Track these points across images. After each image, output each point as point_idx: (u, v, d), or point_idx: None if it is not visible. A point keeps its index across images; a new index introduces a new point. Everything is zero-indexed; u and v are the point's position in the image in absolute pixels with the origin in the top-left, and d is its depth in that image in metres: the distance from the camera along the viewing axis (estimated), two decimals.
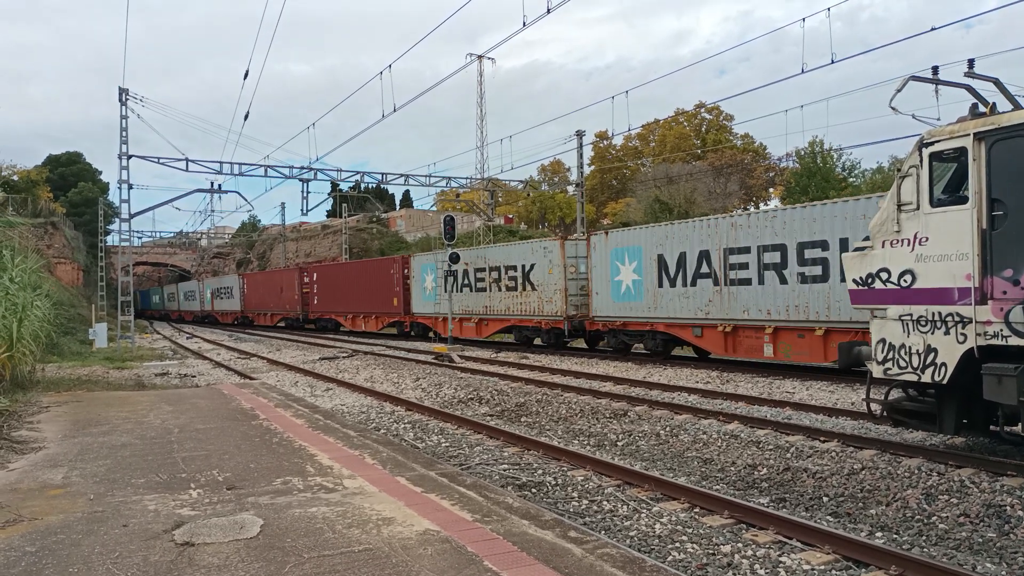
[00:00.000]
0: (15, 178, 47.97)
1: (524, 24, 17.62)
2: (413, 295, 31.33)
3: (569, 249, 23.68)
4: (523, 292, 25.24)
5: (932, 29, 20.66)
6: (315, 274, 41.85)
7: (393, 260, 34.06)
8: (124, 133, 30.89)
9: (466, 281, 28.27)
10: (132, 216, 32.21)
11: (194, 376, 20.33)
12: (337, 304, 38.66)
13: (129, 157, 30.92)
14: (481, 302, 27.56)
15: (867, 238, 9.03)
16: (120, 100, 30.77)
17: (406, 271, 32.06)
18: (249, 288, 51.06)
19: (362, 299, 35.60)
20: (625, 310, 20.99)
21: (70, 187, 64.64)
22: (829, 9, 19.83)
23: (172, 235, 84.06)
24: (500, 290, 26.48)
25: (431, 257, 30.34)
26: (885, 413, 9.28)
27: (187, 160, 32.56)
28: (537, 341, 25.91)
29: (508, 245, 28.07)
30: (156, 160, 32.53)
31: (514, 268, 25.64)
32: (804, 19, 19.65)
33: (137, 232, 75.88)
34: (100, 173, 71.61)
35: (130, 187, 31.26)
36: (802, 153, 44.97)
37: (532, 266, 24.77)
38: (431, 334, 30.89)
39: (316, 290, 40.85)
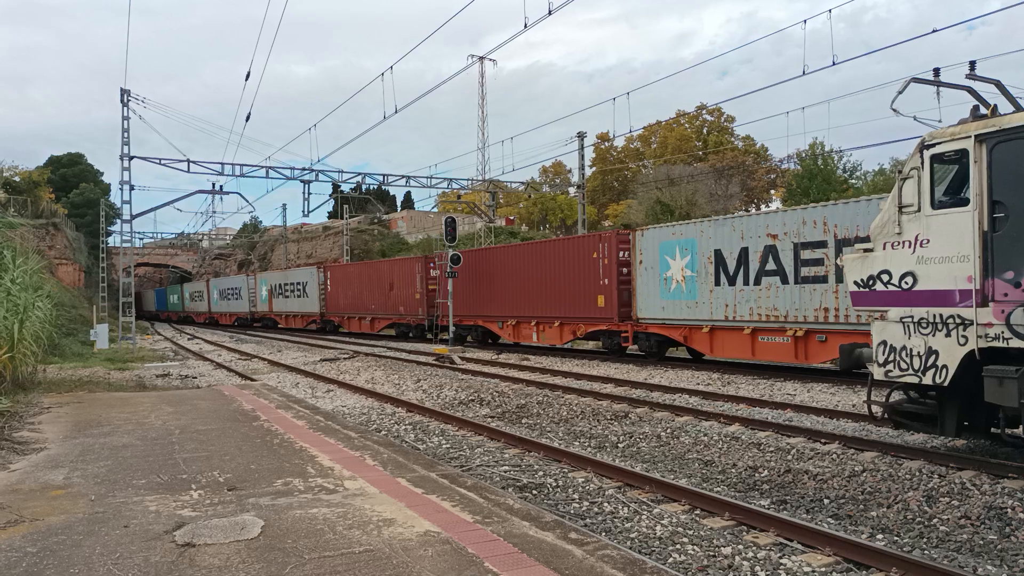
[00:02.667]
0: (17, 179, 47.99)
1: (525, 25, 17.67)
2: (641, 290, 20.55)
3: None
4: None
5: (933, 31, 20.70)
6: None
7: (598, 239, 22.55)
8: (126, 134, 30.96)
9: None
10: (133, 217, 32.29)
11: (195, 377, 20.34)
12: (492, 304, 27.34)
13: (131, 158, 31.00)
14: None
15: (867, 238, 9.03)
16: (122, 101, 30.86)
17: (622, 253, 21.34)
18: (334, 283, 39.63)
19: (539, 296, 24.60)
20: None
21: (72, 188, 64.68)
22: (831, 11, 19.85)
23: (173, 236, 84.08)
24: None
25: (693, 229, 19.26)
26: (886, 415, 9.28)
27: (188, 161, 32.64)
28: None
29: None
30: (158, 161, 32.62)
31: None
32: (805, 21, 19.68)
33: (138, 233, 76.10)
34: (102, 174, 71.69)
35: (131, 188, 31.38)
36: (803, 155, 44.95)
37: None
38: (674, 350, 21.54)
39: (452, 285, 28.93)
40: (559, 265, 23.74)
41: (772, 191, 66.95)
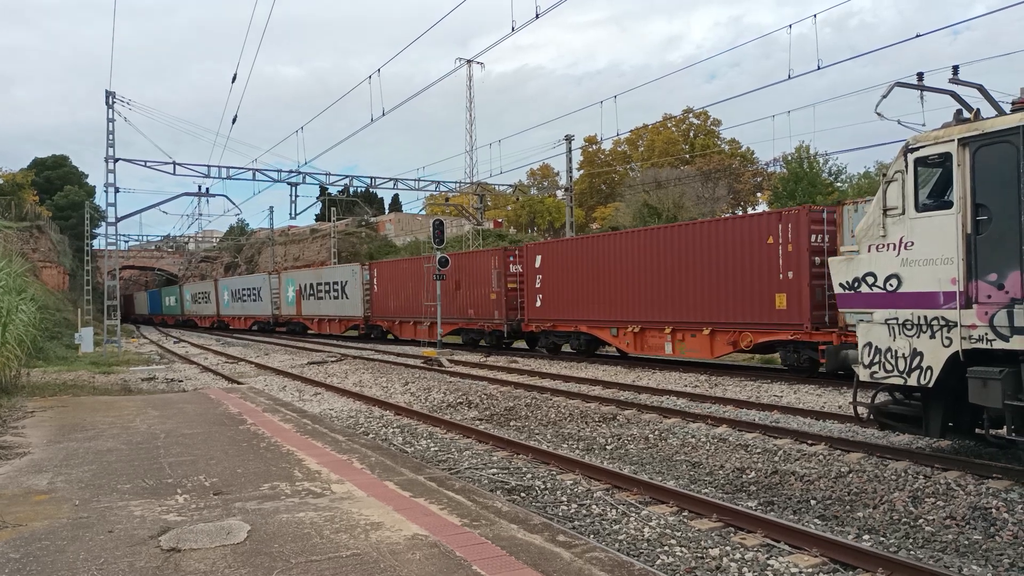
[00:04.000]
0: (0, 181, 47.57)
1: (513, 29, 17.67)
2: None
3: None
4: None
5: (916, 36, 20.91)
6: (538, 256, 24.36)
7: (777, 218, 16.76)
8: (111, 136, 30.75)
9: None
10: (119, 220, 32.09)
11: (181, 381, 20.19)
12: (601, 305, 21.52)
13: (116, 160, 30.78)
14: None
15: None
16: (107, 103, 30.63)
17: (816, 236, 15.92)
18: (383, 283, 33.95)
19: (677, 295, 19.06)
20: None
21: (56, 190, 64.12)
22: (815, 16, 20.00)
23: (159, 239, 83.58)
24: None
25: None
26: (872, 416, 9.35)
27: (174, 163, 32.42)
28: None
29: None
30: (143, 163, 32.40)
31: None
32: (791, 26, 19.84)
33: (124, 236, 75.02)
34: (87, 176, 71.06)
35: (116, 190, 31.17)
36: (789, 158, 45.23)
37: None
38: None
39: (541, 282, 23.68)
40: (711, 254, 18.08)
41: (758, 194, 67.34)
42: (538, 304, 24.30)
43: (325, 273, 39.48)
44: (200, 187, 34.69)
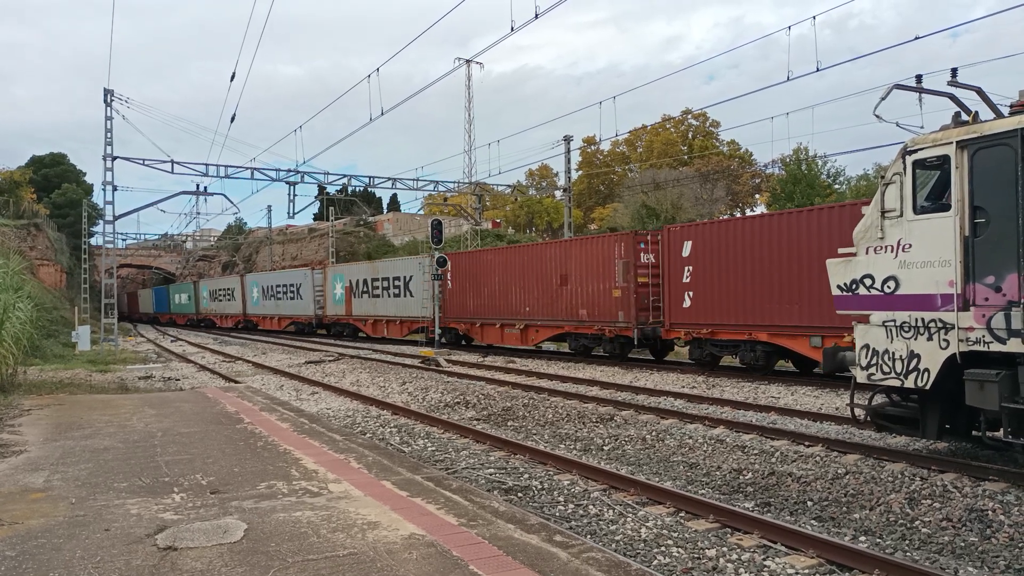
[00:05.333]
0: None
1: (512, 29, 17.69)
2: None
3: None
4: None
5: (916, 38, 20.96)
6: (687, 242, 18.83)
7: None
8: (109, 134, 30.69)
9: None
10: (116, 218, 32.02)
11: (178, 380, 20.17)
12: (788, 308, 16.24)
13: (114, 159, 30.74)
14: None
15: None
16: (105, 101, 30.59)
17: None
18: (458, 277, 28.70)
19: None
20: None
21: (54, 188, 64.05)
22: (815, 17, 20.02)
23: (157, 237, 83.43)
24: None
25: None
26: (869, 418, 9.36)
27: (172, 162, 32.38)
28: None
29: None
30: (141, 162, 32.35)
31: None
32: (790, 27, 19.84)
33: (121, 234, 74.85)
34: (84, 174, 70.96)
35: (114, 189, 31.12)
36: (787, 160, 45.29)
37: None
38: None
39: (691, 276, 18.51)
40: None
41: (757, 195, 67.43)
42: (686, 304, 18.74)
43: (383, 267, 34.24)
44: (198, 186, 34.80)
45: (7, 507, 6.03)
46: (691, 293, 18.76)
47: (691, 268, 18.74)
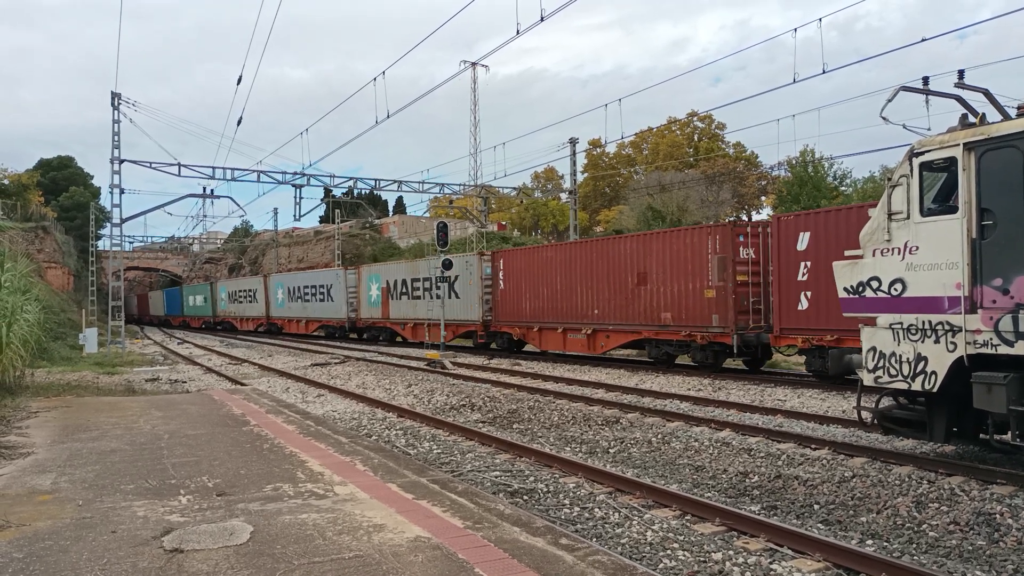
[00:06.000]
0: (6, 182, 47.79)
1: (518, 32, 17.72)
2: None
3: None
4: None
5: (923, 40, 20.89)
6: (804, 233, 16.33)
7: None
8: (116, 137, 30.84)
9: None
10: (123, 221, 32.14)
11: (185, 382, 20.23)
12: None
13: (121, 162, 30.89)
14: None
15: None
16: (112, 104, 30.76)
17: None
18: (512, 276, 26.16)
19: None
20: None
21: (61, 191, 64.31)
22: (821, 19, 19.98)
23: (164, 240, 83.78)
24: None
25: None
26: (875, 421, 9.32)
27: (179, 165, 32.51)
28: None
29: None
30: (148, 165, 32.51)
31: None
32: (796, 29, 19.83)
33: (128, 237, 75.06)
34: (92, 177, 71.23)
35: (122, 192, 31.24)
36: (794, 162, 45.21)
37: None
38: None
39: (808, 273, 16.13)
40: None
41: (763, 198, 67.33)
42: (803, 306, 16.22)
43: (425, 266, 31.30)
44: (205, 189, 34.79)
45: (15, 509, 6.06)
46: (808, 293, 16.18)
47: (809, 264, 16.15)
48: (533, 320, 24.97)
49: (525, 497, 7.98)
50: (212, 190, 35.53)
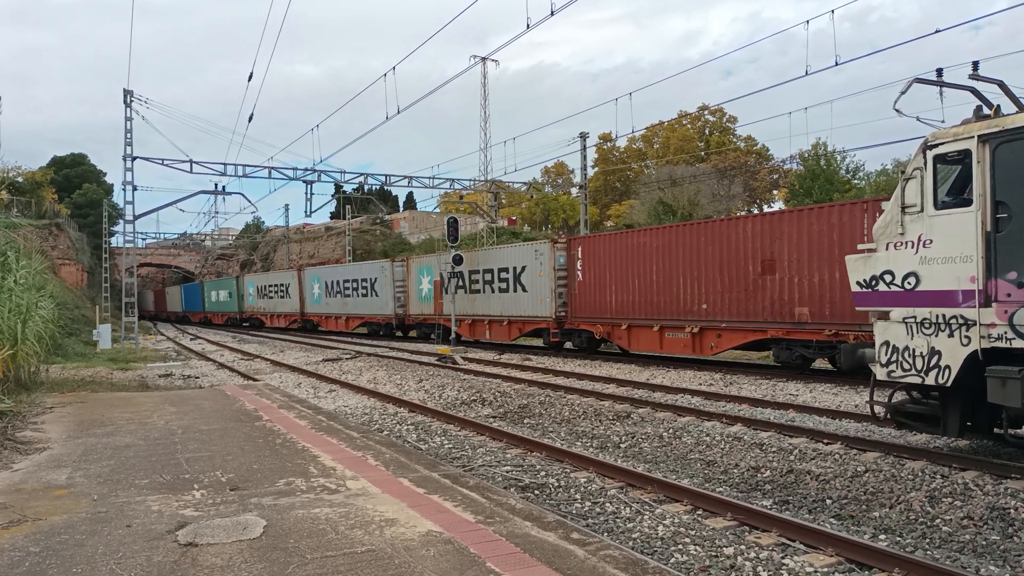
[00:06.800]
0: (20, 180, 48.09)
1: (528, 26, 17.66)
2: None
3: None
4: None
5: (936, 32, 20.73)
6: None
7: None
8: (128, 135, 31.03)
9: None
10: (136, 218, 32.33)
11: (197, 377, 20.36)
12: None
13: (133, 159, 31.07)
14: None
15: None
16: (125, 102, 30.93)
17: None
18: (592, 266, 23.02)
19: None
20: None
21: (75, 189, 64.76)
22: (833, 11, 19.83)
23: (176, 236, 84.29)
24: None
25: None
26: (889, 415, 9.27)
27: (191, 162, 32.70)
28: None
29: None
30: (160, 162, 32.69)
31: None
32: (808, 21, 19.70)
33: (141, 233, 75.76)
34: (105, 175, 71.71)
35: (134, 189, 31.43)
36: (806, 155, 44.94)
37: None
38: None
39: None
40: None
41: (775, 191, 66.98)
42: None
43: (484, 257, 28.31)
44: (216, 185, 35.02)
45: (31, 503, 6.12)
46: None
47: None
48: (620, 316, 21.67)
49: (536, 492, 7.99)
50: (224, 187, 35.77)
